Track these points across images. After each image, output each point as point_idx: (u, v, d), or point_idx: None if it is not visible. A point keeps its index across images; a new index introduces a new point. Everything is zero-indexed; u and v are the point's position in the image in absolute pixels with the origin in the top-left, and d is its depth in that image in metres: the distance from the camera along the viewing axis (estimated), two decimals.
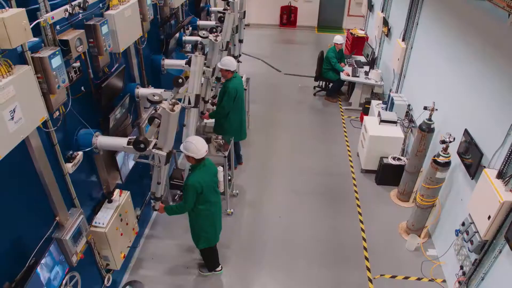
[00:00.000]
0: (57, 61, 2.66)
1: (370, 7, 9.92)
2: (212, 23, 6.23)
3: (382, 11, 8.49)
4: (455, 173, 4.60)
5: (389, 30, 7.92)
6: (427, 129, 4.94)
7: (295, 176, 6.12)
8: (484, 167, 3.83)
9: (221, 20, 5.76)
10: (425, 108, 4.90)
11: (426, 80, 5.78)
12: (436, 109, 4.87)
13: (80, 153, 3.23)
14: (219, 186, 5.28)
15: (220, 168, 5.14)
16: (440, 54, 5.34)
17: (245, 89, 6.36)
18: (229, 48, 6.46)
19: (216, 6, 8.74)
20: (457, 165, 4.52)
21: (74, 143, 3.26)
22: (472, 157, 4.12)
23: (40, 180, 2.84)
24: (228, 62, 5.09)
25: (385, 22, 8.04)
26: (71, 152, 3.21)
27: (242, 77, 6.41)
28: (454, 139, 4.28)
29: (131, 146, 3.07)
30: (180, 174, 5.12)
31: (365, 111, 7.19)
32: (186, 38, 5.54)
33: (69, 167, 3.12)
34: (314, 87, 8.69)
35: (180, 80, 3.75)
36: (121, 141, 3.22)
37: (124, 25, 3.59)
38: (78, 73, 3.13)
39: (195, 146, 3.47)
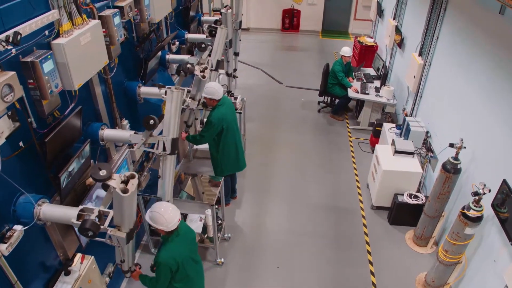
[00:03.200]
0: None
1: (380, 12, 9.10)
2: (203, 36, 5.47)
3: (394, 19, 7.68)
4: (487, 226, 3.84)
5: (402, 40, 7.11)
6: (452, 170, 4.17)
7: (296, 212, 5.38)
8: None
9: (212, 34, 5.00)
10: (451, 145, 4.13)
11: (448, 106, 5.00)
12: (465, 147, 4.10)
13: (19, 229, 2.49)
14: (208, 231, 4.58)
15: (208, 212, 4.43)
16: (467, 77, 4.56)
17: (240, 112, 5.60)
18: (222, 61, 5.72)
19: (212, 12, 7.95)
20: (490, 217, 3.76)
21: (11, 215, 2.53)
22: (509, 211, 3.37)
23: None
24: (211, 90, 4.31)
25: (398, 31, 7.24)
26: (7, 228, 2.48)
27: (237, 98, 5.67)
28: (489, 190, 3.52)
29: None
30: None
31: (376, 133, 6.42)
32: (170, 57, 4.77)
33: (3, 249, 2.39)
34: (319, 103, 7.91)
35: (152, 122, 3.02)
36: (70, 214, 2.49)
37: (81, 55, 2.84)
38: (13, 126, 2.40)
39: (164, 217, 2.72)
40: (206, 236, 4.59)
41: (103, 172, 2.07)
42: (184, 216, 4.74)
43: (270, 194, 5.67)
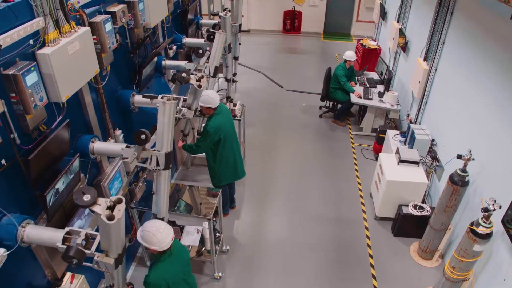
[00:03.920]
0: None
1: (383, 14, 8.91)
2: (201, 40, 5.29)
3: (397, 21, 7.49)
4: (496, 242, 3.67)
5: (406, 43, 6.93)
6: (460, 182, 4.00)
7: (297, 222, 5.21)
8: None
9: (210, 39, 4.83)
10: (459, 157, 3.96)
11: (454, 113, 4.82)
12: (473, 159, 3.93)
13: (1, 252, 2.32)
14: (206, 243, 4.42)
15: (206, 224, 4.26)
16: (474, 84, 4.38)
17: (239, 119, 5.44)
18: (220, 66, 5.54)
19: (211, 15, 7.77)
20: (500, 233, 3.59)
21: None
22: None
23: None
24: (207, 99, 4.15)
25: (402, 34, 7.06)
26: None
27: (236, 104, 5.51)
28: (500, 207, 3.34)
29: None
30: None
31: (379, 140, 6.24)
32: (167, 62, 4.61)
33: None
34: (321, 107, 7.74)
35: (143, 136, 2.86)
36: (55, 237, 2.33)
37: (68, 65, 2.68)
38: None
39: (156, 237, 2.57)
40: (203, 248, 4.43)
41: (87, 197, 1.90)
42: (181, 228, 4.58)
43: (270, 203, 5.51)
